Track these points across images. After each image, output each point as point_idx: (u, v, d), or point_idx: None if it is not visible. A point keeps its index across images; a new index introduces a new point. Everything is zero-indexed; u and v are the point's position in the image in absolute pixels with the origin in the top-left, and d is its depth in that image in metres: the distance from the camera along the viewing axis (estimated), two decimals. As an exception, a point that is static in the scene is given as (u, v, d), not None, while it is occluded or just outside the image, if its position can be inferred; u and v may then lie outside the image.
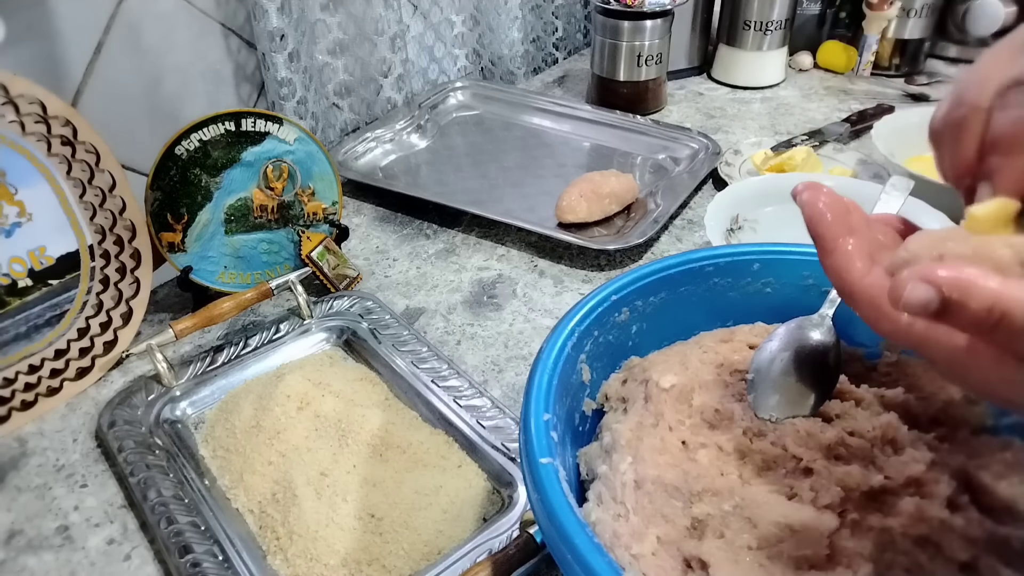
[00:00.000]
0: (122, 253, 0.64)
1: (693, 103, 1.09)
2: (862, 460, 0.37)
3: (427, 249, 0.79)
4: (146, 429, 0.56)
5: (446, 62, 1.12)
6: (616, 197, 0.80)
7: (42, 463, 0.56)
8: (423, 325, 0.68)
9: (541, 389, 0.38)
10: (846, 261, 0.28)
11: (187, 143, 0.65)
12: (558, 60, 1.27)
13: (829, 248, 0.29)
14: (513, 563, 0.43)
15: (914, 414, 0.40)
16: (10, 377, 0.59)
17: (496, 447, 0.53)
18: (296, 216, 0.72)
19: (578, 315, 0.42)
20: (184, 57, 0.79)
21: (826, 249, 0.29)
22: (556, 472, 0.34)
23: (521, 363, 0.64)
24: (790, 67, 1.17)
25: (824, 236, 0.29)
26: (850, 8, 1.15)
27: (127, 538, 0.50)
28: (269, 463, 0.53)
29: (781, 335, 0.38)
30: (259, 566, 0.47)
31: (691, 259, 0.46)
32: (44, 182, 0.58)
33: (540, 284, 0.73)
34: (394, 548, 0.47)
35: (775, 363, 0.38)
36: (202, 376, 0.61)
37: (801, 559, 0.33)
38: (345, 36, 0.93)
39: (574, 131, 0.99)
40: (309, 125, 0.89)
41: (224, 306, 0.64)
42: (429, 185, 0.89)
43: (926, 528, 0.33)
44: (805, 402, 0.37)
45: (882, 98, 1.07)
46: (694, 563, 0.34)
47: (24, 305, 0.59)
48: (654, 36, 0.99)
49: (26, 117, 0.56)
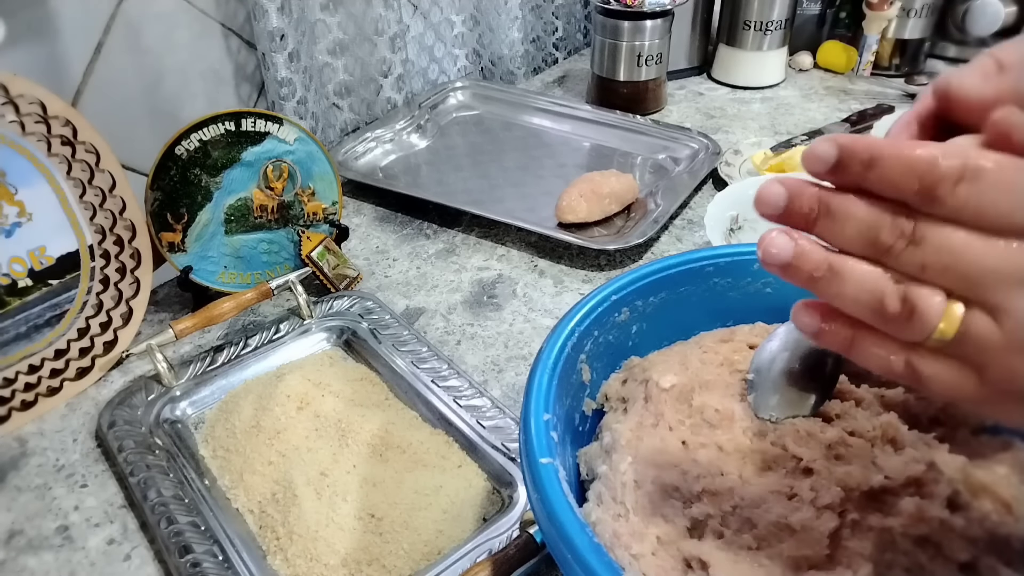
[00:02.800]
0: (122, 253, 0.64)
1: (693, 103, 1.09)
2: (862, 460, 0.37)
3: (427, 249, 0.79)
4: (146, 429, 0.56)
5: (446, 62, 1.12)
6: (616, 197, 0.80)
7: (42, 463, 0.56)
8: (423, 325, 0.68)
9: (541, 389, 0.38)
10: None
11: (187, 143, 0.65)
12: (558, 60, 1.27)
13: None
14: (513, 563, 0.43)
15: (914, 414, 0.40)
16: (10, 377, 0.59)
17: (496, 447, 0.53)
18: (296, 216, 0.72)
19: (578, 315, 0.42)
20: (184, 57, 0.79)
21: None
22: (556, 472, 0.34)
23: (521, 363, 0.64)
24: (790, 67, 1.17)
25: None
26: (850, 8, 1.15)
27: (127, 538, 0.50)
28: (269, 463, 0.53)
29: (781, 335, 0.38)
30: (259, 566, 0.47)
31: (691, 259, 0.46)
32: (44, 182, 0.58)
33: (540, 284, 0.73)
34: (394, 548, 0.47)
35: (775, 363, 0.38)
36: (202, 376, 0.61)
37: (801, 559, 0.33)
38: (345, 36, 0.93)
39: (574, 131, 0.99)
40: (309, 125, 0.89)
41: (224, 306, 0.64)
42: (429, 185, 0.89)
43: (926, 528, 0.33)
44: (805, 402, 0.37)
45: (882, 98, 1.07)
46: (694, 563, 0.34)
47: (24, 305, 0.59)
48: (654, 36, 0.99)
49: (26, 117, 0.56)
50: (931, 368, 0.25)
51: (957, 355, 0.25)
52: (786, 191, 0.25)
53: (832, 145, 0.24)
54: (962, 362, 0.25)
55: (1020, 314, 0.23)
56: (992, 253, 0.23)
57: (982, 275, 0.23)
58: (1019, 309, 0.23)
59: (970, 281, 0.23)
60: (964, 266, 0.23)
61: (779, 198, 0.25)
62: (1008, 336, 0.23)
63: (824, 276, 0.25)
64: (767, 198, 0.26)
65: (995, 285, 0.23)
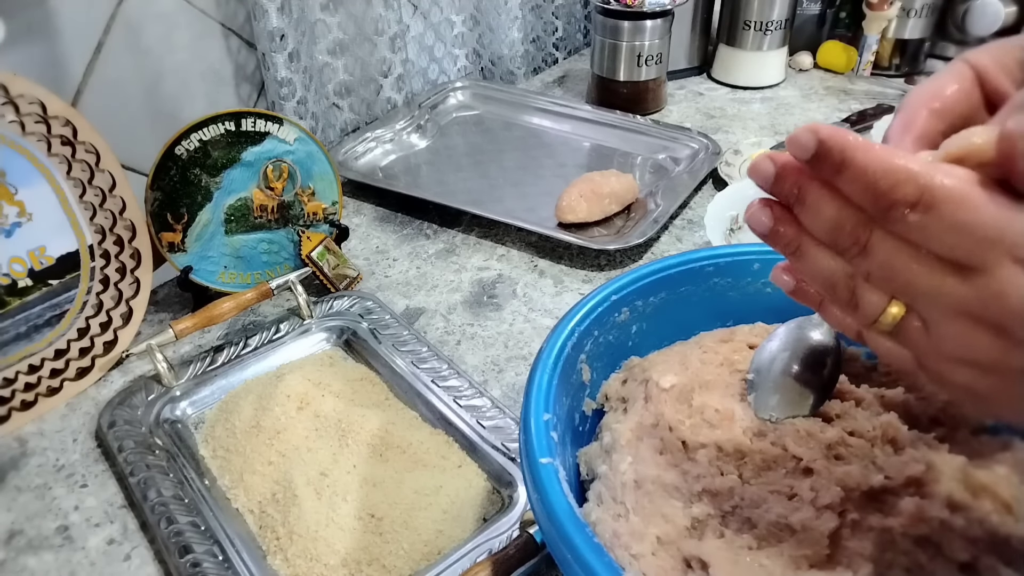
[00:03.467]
0: (122, 253, 0.64)
1: (693, 103, 1.09)
2: (862, 460, 0.37)
3: (427, 249, 0.79)
4: (146, 429, 0.56)
5: (446, 62, 1.12)
6: (616, 197, 0.80)
7: (42, 463, 0.56)
8: (423, 325, 0.68)
9: (541, 389, 0.38)
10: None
11: (187, 143, 0.65)
12: (558, 60, 1.27)
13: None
14: (513, 563, 0.43)
15: (914, 414, 0.40)
16: (10, 377, 0.59)
17: (496, 447, 0.53)
18: (296, 216, 0.72)
19: (578, 315, 0.42)
20: (184, 57, 0.79)
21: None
22: (556, 472, 0.34)
23: (521, 363, 0.64)
24: (790, 67, 1.17)
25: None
26: (850, 8, 1.15)
27: (127, 538, 0.50)
28: (269, 463, 0.53)
29: (781, 335, 0.38)
30: (259, 566, 0.47)
31: (691, 259, 0.46)
32: (44, 182, 0.58)
33: (540, 284, 0.73)
34: (394, 548, 0.47)
35: (775, 363, 0.38)
36: (202, 376, 0.61)
37: (801, 559, 0.33)
38: (345, 36, 0.93)
39: (574, 131, 0.99)
40: (309, 125, 0.89)
41: (224, 306, 0.64)
42: (429, 185, 0.89)
43: (926, 528, 0.33)
44: (805, 402, 0.37)
45: (882, 98, 1.07)
46: (694, 563, 0.34)
47: (24, 305, 0.59)
48: (654, 36, 0.99)
49: (26, 117, 0.56)
50: (877, 343, 0.28)
51: (899, 341, 0.27)
52: (774, 171, 0.27)
53: (812, 137, 0.25)
54: (904, 346, 0.27)
55: (948, 335, 0.25)
56: (930, 278, 0.24)
57: (917, 294, 0.25)
58: (948, 332, 0.25)
59: (907, 295, 0.26)
60: (902, 283, 0.25)
61: (767, 176, 0.27)
62: (936, 346, 0.25)
63: (793, 252, 0.28)
64: (758, 172, 0.27)
65: (928, 305, 0.25)
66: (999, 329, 0.24)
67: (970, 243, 0.23)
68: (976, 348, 0.24)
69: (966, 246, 0.23)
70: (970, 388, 0.26)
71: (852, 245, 0.26)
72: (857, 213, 0.25)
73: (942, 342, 0.25)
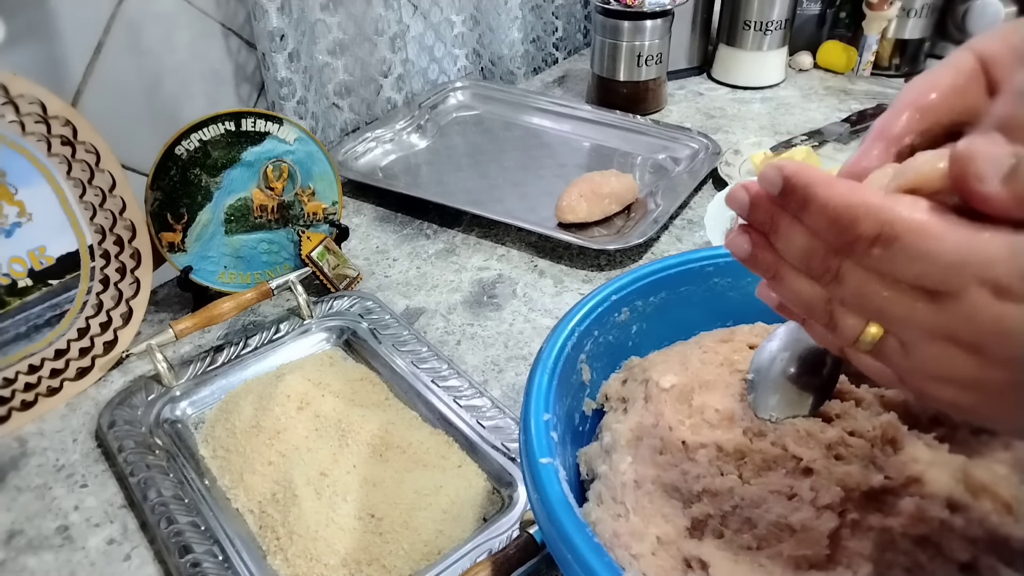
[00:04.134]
0: (122, 253, 0.64)
1: (693, 103, 1.09)
2: (862, 460, 0.37)
3: (427, 249, 0.79)
4: (146, 429, 0.56)
5: (446, 62, 1.12)
6: (616, 197, 0.80)
7: (42, 463, 0.56)
8: (423, 325, 0.68)
9: (541, 389, 0.38)
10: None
11: (187, 143, 0.65)
12: (558, 60, 1.27)
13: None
14: (513, 563, 0.43)
15: (914, 414, 0.40)
16: (10, 377, 0.59)
17: (496, 447, 0.53)
18: (296, 216, 0.72)
19: (578, 315, 0.42)
20: (184, 57, 0.79)
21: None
22: (556, 472, 0.34)
23: (521, 363, 0.64)
24: (790, 67, 1.17)
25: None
26: (850, 8, 1.15)
27: (127, 538, 0.50)
28: (269, 463, 0.53)
29: (781, 335, 0.38)
30: (259, 566, 0.47)
31: (691, 259, 0.46)
32: (44, 182, 0.58)
33: (540, 284, 0.73)
34: (394, 548, 0.47)
35: (775, 363, 0.38)
36: (202, 376, 0.61)
37: (801, 559, 0.33)
38: (345, 36, 0.93)
39: (574, 131, 0.99)
40: (309, 125, 0.89)
41: (224, 306, 0.64)
42: (429, 185, 0.89)
43: (926, 528, 0.33)
44: (805, 402, 0.37)
45: (882, 98, 1.07)
46: (694, 563, 0.34)
47: (24, 305, 0.59)
48: (654, 36, 0.99)
49: (26, 117, 0.56)
50: (859, 360, 0.28)
51: (880, 360, 0.27)
52: (748, 201, 0.28)
53: (778, 175, 0.26)
54: (885, 364, 0.27)
55: (926, 356, 0.25)
56: (901, 304, 0.25)
57: (891, 319, 0.26)
58: (926, 353, 0.25)
59: (882, 320, 0.26)
60: (875, 309, 0.26)
61: (742, 205, 0.28)
62: (916, 366, 0.26)
63: (773, 277, 0.29)
64: (734, 200, 0.28)
65: (904, 329, 0.25)
66: (974, 348, 0.24)
67: (936, 271, 0.23)
68: (954, 367, 0.25)
69: (932, 274, 0.23)
70: (954, 403, 0.26)
71: (824, 273, 0.26)
72: (827, 243, 0.26)
73: (921, 362, 0.26)
